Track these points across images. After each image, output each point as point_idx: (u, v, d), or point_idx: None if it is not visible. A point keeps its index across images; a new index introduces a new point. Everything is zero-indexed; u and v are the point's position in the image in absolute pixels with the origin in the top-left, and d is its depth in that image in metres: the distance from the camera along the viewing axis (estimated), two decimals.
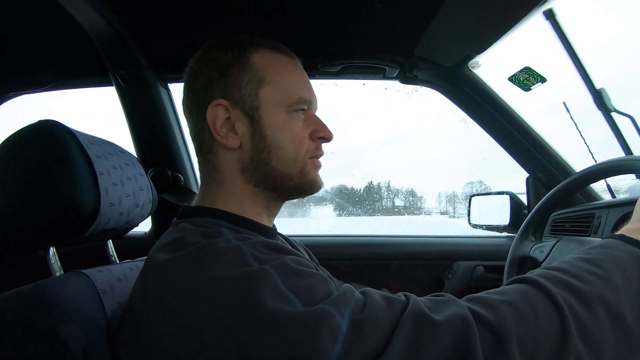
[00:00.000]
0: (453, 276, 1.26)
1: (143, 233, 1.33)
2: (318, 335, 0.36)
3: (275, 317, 0.37)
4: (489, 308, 0.40)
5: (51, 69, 1.16)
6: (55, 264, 0.62)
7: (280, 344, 0.36)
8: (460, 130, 1.22)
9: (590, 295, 0.41)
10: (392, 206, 4.99)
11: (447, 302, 0.41)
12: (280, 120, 0.55)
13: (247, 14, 0.92)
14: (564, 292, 0.41)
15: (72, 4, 0.82)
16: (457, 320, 0.38)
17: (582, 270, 0.44)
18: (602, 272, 0.44)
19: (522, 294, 0.42)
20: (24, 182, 0.56)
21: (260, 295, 0.38)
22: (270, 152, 0.55)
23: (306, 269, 0.43)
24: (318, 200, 4.32)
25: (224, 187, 0.57)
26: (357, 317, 0.38)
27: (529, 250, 0.88)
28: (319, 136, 0.59)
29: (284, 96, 0.56)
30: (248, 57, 0.56)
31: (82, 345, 0.47)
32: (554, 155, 1.18)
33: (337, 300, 0.40)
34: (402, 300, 0.41)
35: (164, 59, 1.09)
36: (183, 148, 1.25)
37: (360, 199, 4.55)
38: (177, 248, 0.45)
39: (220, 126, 0.54)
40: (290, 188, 0.57)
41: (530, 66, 0.99)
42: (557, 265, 0.47)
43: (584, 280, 0.43)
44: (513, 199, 1.31)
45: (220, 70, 0.55)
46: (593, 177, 0.82)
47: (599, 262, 0.45)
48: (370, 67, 1.13)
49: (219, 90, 0.55)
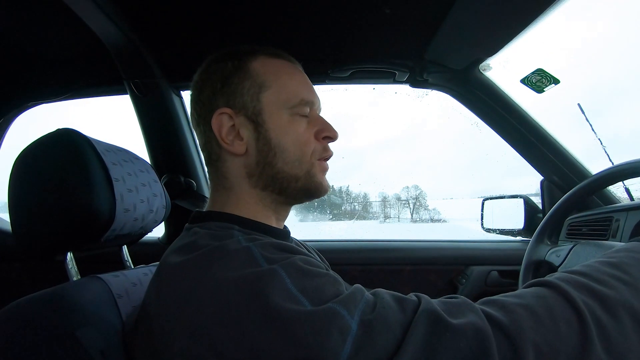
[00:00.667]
0: (467, 281, 1.24)
1: (157, 239, 1.34)
2: (327, 335, 0.36)
3: (283, 316, 0.37)
4: (504, 311, 0.39)
5: (68, 78, 1.20)
6: (73, 269, 0.63)
7: (289, 344, 0.36)
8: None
9: (614, 301, 0.39)
10: (350, 210, 4.64)
11: (461, 306, 0.40)
12: (284, 122, 0.56)
13: (257, 21, 0.93)
14: (586, 297, 0.39)
15: (89, 15, 0.84)
16: (473, 327, 0.37)
17: (606, 274, 0.42)
18: (628, 277, 0.42)
19: (540, 298, 0.40)
20: (43, 189, 0.57)
21: (269, 295, 0.38)
22: (275, 155, 0.56)
23: (315, 269, 0.43)
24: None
25: (233, 193, 0.58)
26: (368, 317, 0.38)
27: (545, 255, 0.87)
28: (324, 136, 0.59)
29: (285, 98, 0.57)
30: (247, 65, 0.57)
31: (99, 348, 0.48)
32: (568, 157, 1.16)
33: (347, 300, 0.39)
34: (414, 301, 0.41)
35: (177, 67, 1.11)
36: (195, 154, 1.26)
37: (319, 202, 4.29)
38: (189, 251, 0.46)
39: (225, 134, 0.56)
40: (297, 190, 0.58)
41: (543, 68, 0.98)
42: (579, 268, 0.45)
43: (608, 285, 0.41)
44: (527, 203, 1.28)
45: (222, 81, 0.57)
46: (610, 179, 0.80)
47: (623, 266, 0.43)
48: (380, 72, 1.12)
49: (223, 100, 0.57)
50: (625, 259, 0.45)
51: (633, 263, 0.44)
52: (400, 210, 4.27)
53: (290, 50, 0.63)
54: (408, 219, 4.37)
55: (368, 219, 4.64)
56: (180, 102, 1.23)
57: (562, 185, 1.20)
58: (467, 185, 5.64)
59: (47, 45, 1.05)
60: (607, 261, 0.45)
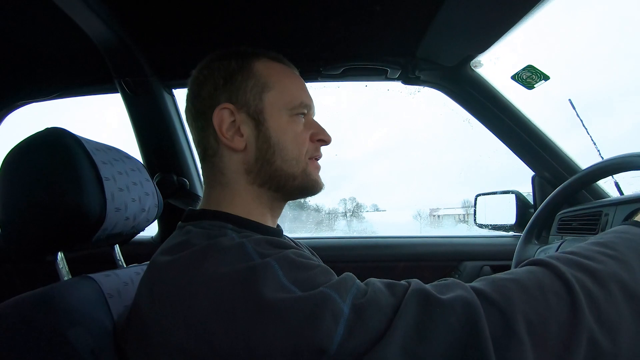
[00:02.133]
0: (460, 277, 1.25)
1: (150, 238, 1.34)
2: (320, 318, 0.36)
3: (275, 306, 0.37)
4: (493, 285, 0.39)
5: (58, 77, 1.19)
6: (64, 269, 0.63)
7: (282, 332, 0.37)
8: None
9: (604, 274, 0.40)
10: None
11: (450, 285, 0.42)
12: (284, 122, 0.58)
13: (249, 20, 0.93)
14: (575, 271, 0.40)
15: (77, 13, 0.83)
16: (462, 301, 0.37)
17: (595, 252, 0.43)
18: (616, 253, 0.43)
19: (530, 273, 0.41)
20: (31, 189, 0.57)
21: (262, 287, 0.39)
22: (274, 153, 0.57)
23: (308, 261, 0.44)
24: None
25: (229, 189, 0.58)
26: (360, 301, 0.39)
27: (534, 254, 0.88)
28: (318, 139, 0.62)
29: (287, 100, 0.59)
30: (251, 65, 0.59)
31: (90, 348, 0.48)
32: (559, 153, 1.17)
33: (338, 285, 0.40)
34: (404, 284, 0.42)
35: (168, 65, 1.11)
36: (188, 153, 1.26)
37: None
38: (181, 250, 0.46)
39: (226, 129, 0.57)
40: (294, 187, 0.59)
41: (533, 64, 0.99)
42: (570, 249, 0.46)
43: (597, 261, 0.42)
44: (519, 198, 1.30)
45: (225, 77, 0.58)
46: (600, 174, 0.82)
47: (611, 245, 0.44)
48: (372, 69, 1.13)
49: (225, 96, 0.57)
50: (613, 239, 0.46)
51: (620, 242, 0.45)
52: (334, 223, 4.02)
53: (282, 48, 0.64)
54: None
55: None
56: (172, 100, 1.22)
57: (553, 180, 1.21)
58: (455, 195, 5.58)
59: (37, 44, 1.03)
60: (596, 241, 0.47)
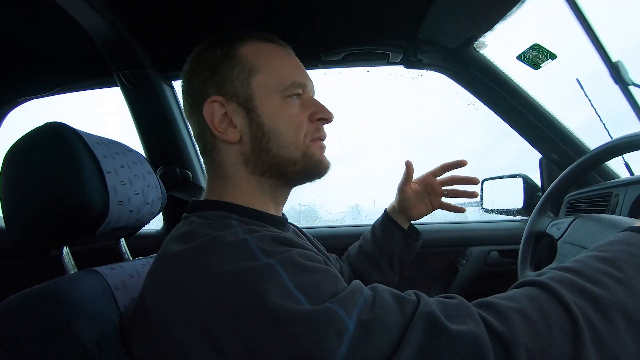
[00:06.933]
0: (467, 262, 1.25)
1: (155, 231, 1.34)
2: (324, 336, 0.36)
3: (280, 315, 0.37)
4: (500, 318, 0.38)
5: (57, 72, 1.18)
6: (69, 263, 0.63)
7: (286, 343, 0.36)
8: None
9: (607, 302, 0.39)
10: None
11: (459, 309, 0.40)
12: (276, 106, 0.56)
13: (248, 7, 0.91)
14: (579, 299, 0.39)
15: (72, 6, 0.82)
16: (472, 337, 0.36)
17: (599, 272, 0.41)
18: (621, 274, 0.41)
19: (534, 301, 0.40)
20: (33, 184, 0.56)
21: (266, 291, 0.38)
22: (269, 140, 0.55)
23: (314, 264, 0.43)
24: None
25: (230, 182, 0.57)
26: (365, 317, 0.38)
27: (546, 227, 0.86)
28: (318, 117, 0.58)
29: (277, 82, 0.56)
30: (236, 51, 0.56)
31: (95, 340, 0.48)
32: (567, 134, 1.14)
33: (345, 299, 0.39)
34: (413, 301, 0.40)
35: (167, 57, 1.09)
36: (190, 145, 1.25)
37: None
38: (187, 240, 0.46)
39: (218, 122, 0.55)
40: (296, 173, 0.57)
41: (540, 43, 0.96)
42: (572, 265, 0.44)
43: (601, 285, 0.40)
44: (526, 182, 1.27)
45: (211, 69, 0.56)
46: (609, 153, 0.79)
47: (616, 262, 0.42)
48: (374, 54, 1.10)
49: (213, 88, 0.56)
50: (618, 253, 0.44)
51: (626, 258, 0.43)
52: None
53: (281, 35, 0.62)
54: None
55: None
56: (172, 92, 1.21)
57: (561, 162, 1.19)
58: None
59: (34, 39, 1.02)
60: (600, 256, 0.44)
